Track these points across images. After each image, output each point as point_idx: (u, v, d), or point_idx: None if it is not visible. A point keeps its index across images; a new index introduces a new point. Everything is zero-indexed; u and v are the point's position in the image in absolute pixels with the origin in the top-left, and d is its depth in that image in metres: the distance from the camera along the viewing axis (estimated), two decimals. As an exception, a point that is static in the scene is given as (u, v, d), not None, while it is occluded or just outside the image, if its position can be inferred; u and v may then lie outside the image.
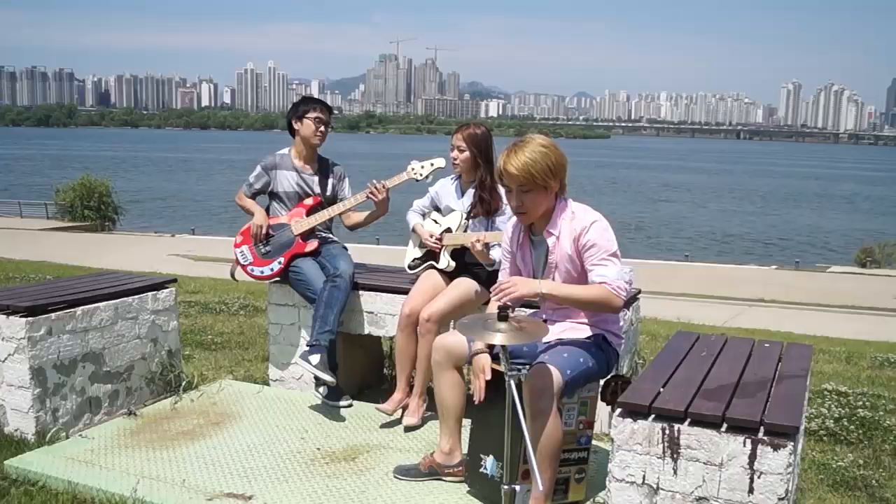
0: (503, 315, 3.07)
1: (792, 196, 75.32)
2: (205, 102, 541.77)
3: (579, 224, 3.58)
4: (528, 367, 3.50)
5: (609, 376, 3.77)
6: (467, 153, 4.85)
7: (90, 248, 25.69)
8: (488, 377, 3.64)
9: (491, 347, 3.63)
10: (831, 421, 5.38)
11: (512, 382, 3.03)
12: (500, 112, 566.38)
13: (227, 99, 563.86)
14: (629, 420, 3.05)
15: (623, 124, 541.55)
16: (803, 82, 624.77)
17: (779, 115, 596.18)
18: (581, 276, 3.60)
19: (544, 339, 3.57)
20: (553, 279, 3.69)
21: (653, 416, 3.03)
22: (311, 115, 5.39)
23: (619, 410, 3.11)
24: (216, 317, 8.99)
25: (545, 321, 3.78)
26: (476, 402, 3.69)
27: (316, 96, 5.92)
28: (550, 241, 3.66)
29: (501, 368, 3.20)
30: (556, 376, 3.41)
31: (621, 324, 3.81)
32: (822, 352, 9.20)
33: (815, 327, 14.63)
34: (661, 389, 3.19)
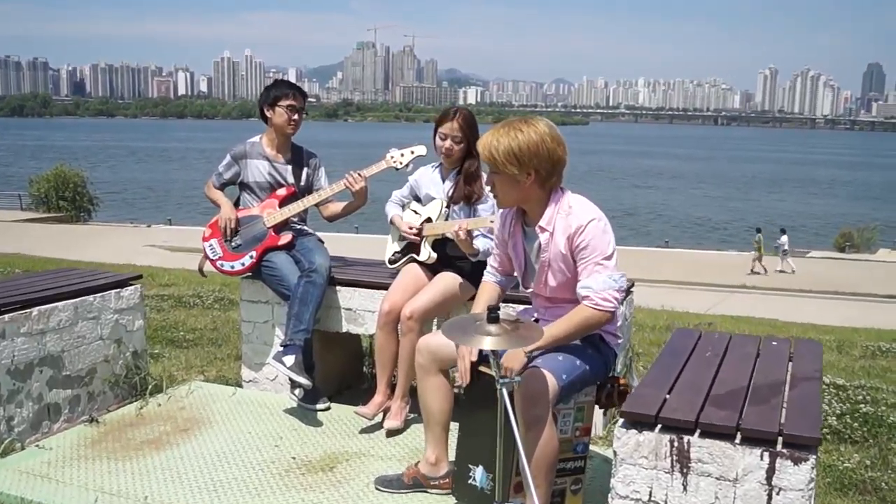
0: (493, 316, 2.79)
1: (770, 181, 75.59)
2: (181, 91, 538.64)
3: (575, 221, 3.27)
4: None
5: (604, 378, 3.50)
6: (463, 144, 4.54)
7: (65, 240, 25.31)
8: (474, 359, 3.35)
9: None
10: (834, 418, 5.13)
11: (504, 390, 2.75)
12: (479, 99, 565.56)
13: (203, 88, 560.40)
14: (633, 431, 2.78)
15: (601, 111, 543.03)
16: (780, 68, 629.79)
17: (756, 101, 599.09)
18: (576, 276, 3.31)
19: None
20: (545, 279, 3.40)
21: (659, 426, 2.76)
22: (284, 102, 5.05)
23: (621, 421, 2.84)
24: (189, 311, 8.67)
25: (536, 321, 3.50)
26: (462, 386, 3.40)
27: (294, 83, 5.52)
28: (543, 237, 3.35)
29: (491, 371, 2.93)
30: (552, 382, 3.12)
31: (619, 323, 3.51)
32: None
33: (800, 314, 14.50)
34: (667, 396, 2.92)
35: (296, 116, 5.07)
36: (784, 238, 27.48)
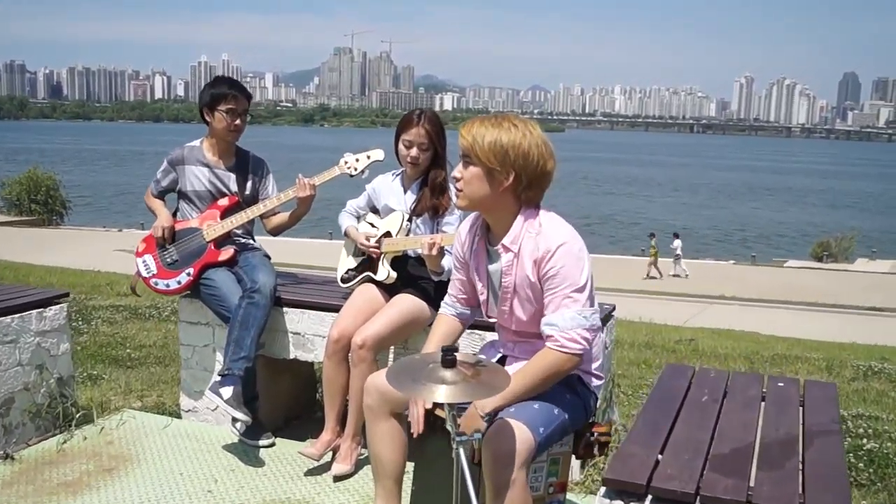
0: (449, 359, 2.28)
1: (746, 190, 75.65)
2: (158, 95, 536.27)
3: (544, 243, 2.75)
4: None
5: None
6: (430, 152, 4.06)
7: (33, 244, 24.64)
8: (429, 405, 2.82)
9: None
10: (836, 456, 4.64)
11: (461, 451, 2.24)
12: (455, 105, 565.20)
13: (180, 92, 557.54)
14: (619, 503, 2.27)
15: (577, 118, 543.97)
16: (756, 76, 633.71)
17: (732, 109, 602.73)
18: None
19: None
20: (510, 307, 2.88)
21: (651, 497, 2.25)
22: (223, 106, 4.49)
23: (603, 489, 2.33)
24: (143, 324, 8.12)
25: (504, 360, 2.99)
26: (415, 436, 2.87)
27: (236, 80, 4.93)
28: (506, 258, 2.84)
29: (444, 415, 2.42)
30: (527, 438, 2.58)
31: (600, 361, 2.99)
32: (800, 359, 8.60)
33: (781, 327, 14.10)
34: (660, 457, 2.41)
35: (237, 121, 4.53)
36: (677, 242, 27.41)
